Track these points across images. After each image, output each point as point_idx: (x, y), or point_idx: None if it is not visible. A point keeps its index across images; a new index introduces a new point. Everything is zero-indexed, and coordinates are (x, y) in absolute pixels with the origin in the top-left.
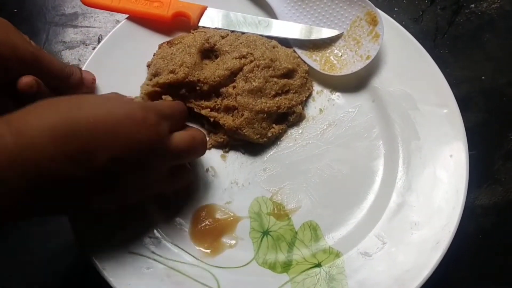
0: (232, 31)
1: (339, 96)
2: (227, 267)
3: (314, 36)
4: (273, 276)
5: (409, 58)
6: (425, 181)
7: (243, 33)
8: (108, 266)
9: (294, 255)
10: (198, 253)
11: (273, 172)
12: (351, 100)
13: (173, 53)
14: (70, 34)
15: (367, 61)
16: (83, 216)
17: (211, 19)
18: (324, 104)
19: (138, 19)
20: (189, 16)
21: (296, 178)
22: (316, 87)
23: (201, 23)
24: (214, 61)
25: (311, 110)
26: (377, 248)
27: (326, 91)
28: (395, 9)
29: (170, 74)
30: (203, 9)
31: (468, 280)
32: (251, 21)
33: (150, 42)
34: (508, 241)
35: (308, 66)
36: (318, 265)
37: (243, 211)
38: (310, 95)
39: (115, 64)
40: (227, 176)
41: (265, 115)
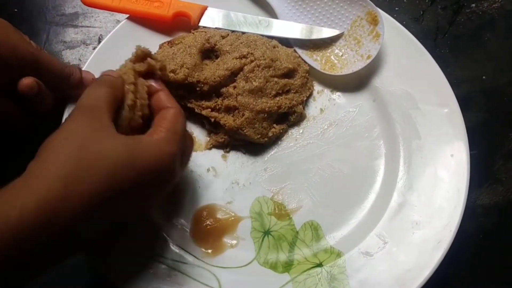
0: (233, 31)
1: (340, 96)
2: (228, 267)
3: (315, 36)
4: (275, 276)
5: (410, 58)
6: (426, 181)
7: (244, 33)
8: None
9: (295, 255)
10: (199, 253)
11: (274, 172)
12: (352, 100)
13: (174, 53)
14: (71, 34)
15: (368, 61)
16: None
17: (212, 19)
18: (325, 104)
19: (139, 19)
20: (190, 16)
21: (297, 178)
22: (317, 87)
23: (202, 23)
24: (215, 61)
25: (312, 110)
26: (378, 248)
27: (327, 91)
28: (396, 9)
29: (171, 74)
30: (204, 9)
31: (469, 280)
32: (252, 21)
33: (151, 42)
34: (509, 241)
35: (309, 66)
36: (320, 265)
37: (244, 211)
38: (311, 95)
39: (116, 64)
40: (228, 176)
41: (266, 115)
